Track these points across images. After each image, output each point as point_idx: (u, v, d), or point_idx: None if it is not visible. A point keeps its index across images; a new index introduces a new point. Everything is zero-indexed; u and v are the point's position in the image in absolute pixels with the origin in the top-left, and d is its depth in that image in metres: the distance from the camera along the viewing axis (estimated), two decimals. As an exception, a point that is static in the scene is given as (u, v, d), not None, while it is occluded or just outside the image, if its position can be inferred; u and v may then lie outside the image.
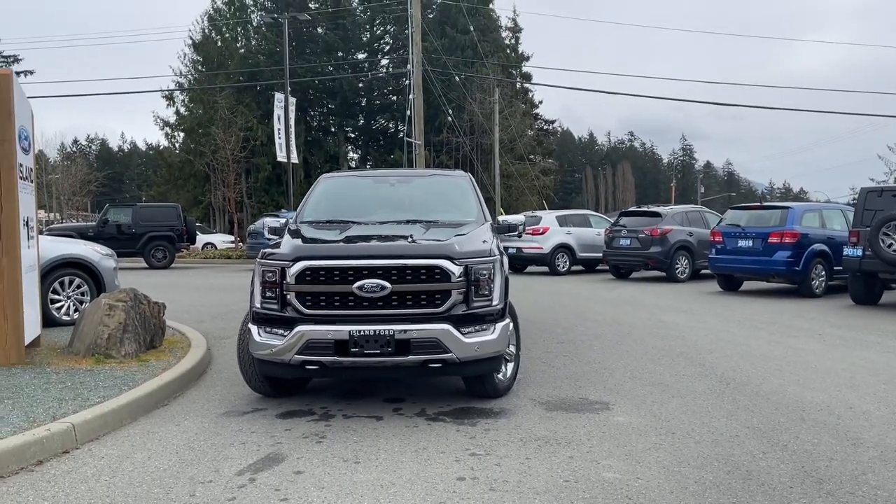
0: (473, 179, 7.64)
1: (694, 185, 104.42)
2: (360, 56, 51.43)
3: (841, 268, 12.88)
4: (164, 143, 52.36)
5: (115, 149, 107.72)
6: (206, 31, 48.01)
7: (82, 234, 20.47)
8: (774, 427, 4.95)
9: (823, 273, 13.64)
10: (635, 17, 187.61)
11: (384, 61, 52.22)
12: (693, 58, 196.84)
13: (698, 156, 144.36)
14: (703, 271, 17.36)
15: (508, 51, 56.72)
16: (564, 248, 20.15)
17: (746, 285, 15.47)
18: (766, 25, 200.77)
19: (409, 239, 5.49)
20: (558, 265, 20.00)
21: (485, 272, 5.27)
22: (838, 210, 14.94)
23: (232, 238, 34.38)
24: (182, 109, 47.31)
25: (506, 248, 6.61)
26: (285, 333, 5.08)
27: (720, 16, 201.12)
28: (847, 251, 12.16)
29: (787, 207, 14.12)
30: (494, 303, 5.32)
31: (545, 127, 65.93)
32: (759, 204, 15.25)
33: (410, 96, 29.17)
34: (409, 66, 29.39)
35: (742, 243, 14.10)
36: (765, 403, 5.59)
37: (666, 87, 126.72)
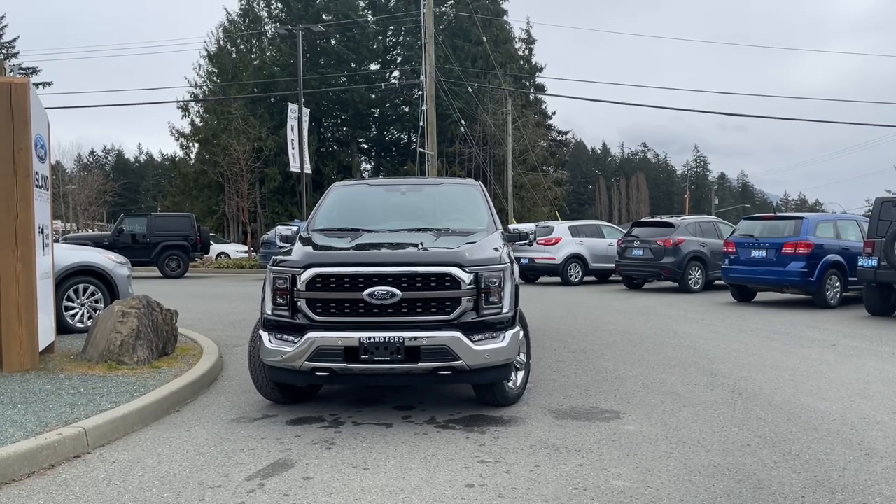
0: (484, 188, 7.65)
1: (708, 196, 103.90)
2: (373, 67, 51.70)
3: (856, 279, 12.77)
4: (179, 153, 52.69)
5: (131, 159, 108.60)
6: (222, 42, 48.43)
7: (97, 244, 20.63)
8: (786, 437, 4.91)
9: (838, 284, 13.53)
10: (645, 29, 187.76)
11: (396, 72, 52.46)
12: (702, 69, 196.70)
13: (712, 167, 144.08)
14: (717, 282, 17.28)
15: (521, 62, 56.96)
16: (577, 258, 20.11)
17: (760, 296, 15.36)
18: (778, 36, 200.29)
19: (420, 246, 5.51)
20: (570, 275, 19.95)
21: (495, 280, 5.27)
22: (853, 220, 14.84)
23: (245, 248, 34.56)
24: (197, 120, 47.72)
25: (518, 258, 6.61)
26: (296, 340, 5.10)
27: (731, 27, 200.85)
28: (862, 262, 12.07)
29: (801, 218, 14.03)
30: (504, 310, 5.32)
31: (558, 138, 66.00)
32: (772, 214, 15.16)
33: (423, 107, 29.30)
34: (421, 77, 29.52)
35: (755, 254, 14.01)
36: (777, 413, 5.55)
37: (678, 97, 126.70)
